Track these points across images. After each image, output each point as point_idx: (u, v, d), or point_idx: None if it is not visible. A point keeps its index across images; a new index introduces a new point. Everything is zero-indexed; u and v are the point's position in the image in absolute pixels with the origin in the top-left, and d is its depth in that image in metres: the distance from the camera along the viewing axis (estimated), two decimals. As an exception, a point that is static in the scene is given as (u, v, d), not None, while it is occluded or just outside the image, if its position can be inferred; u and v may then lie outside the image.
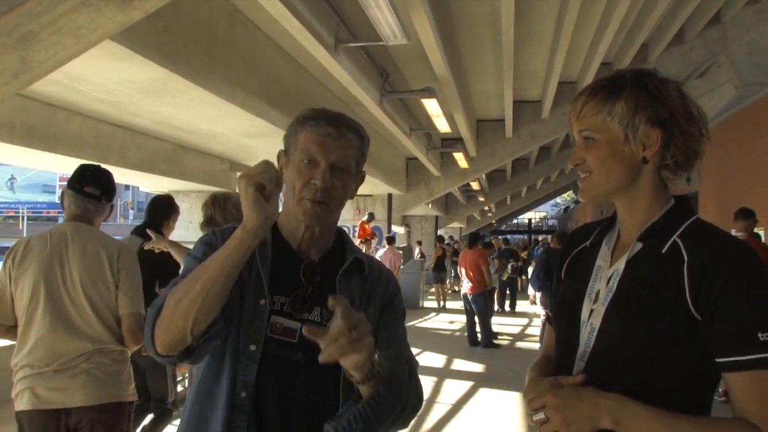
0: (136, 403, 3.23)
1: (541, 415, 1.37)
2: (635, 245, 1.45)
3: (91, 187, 3.14)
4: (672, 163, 1.44)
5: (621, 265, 1.45)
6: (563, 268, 1.64)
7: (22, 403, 2.93)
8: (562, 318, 1.56)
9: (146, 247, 4.11)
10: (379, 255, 14.34)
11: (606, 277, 1.47)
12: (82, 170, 3.21)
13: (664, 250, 1.39)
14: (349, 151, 1.69)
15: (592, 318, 1.44)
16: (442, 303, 18.23)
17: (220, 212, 3.78)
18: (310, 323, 1.62)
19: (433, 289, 19.40)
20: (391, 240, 14.57)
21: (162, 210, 4.83)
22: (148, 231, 4.17)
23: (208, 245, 1.68)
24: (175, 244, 4.09)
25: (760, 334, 1.26)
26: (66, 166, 9.94)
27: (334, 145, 1.65)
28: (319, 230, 1.72)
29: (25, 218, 53.65)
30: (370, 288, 1.77)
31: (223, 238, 1.63)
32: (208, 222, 3.89)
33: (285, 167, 1.70)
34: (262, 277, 1.64)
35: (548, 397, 1.36)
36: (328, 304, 1.40)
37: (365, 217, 17.59)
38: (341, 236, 1.83)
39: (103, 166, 3.31)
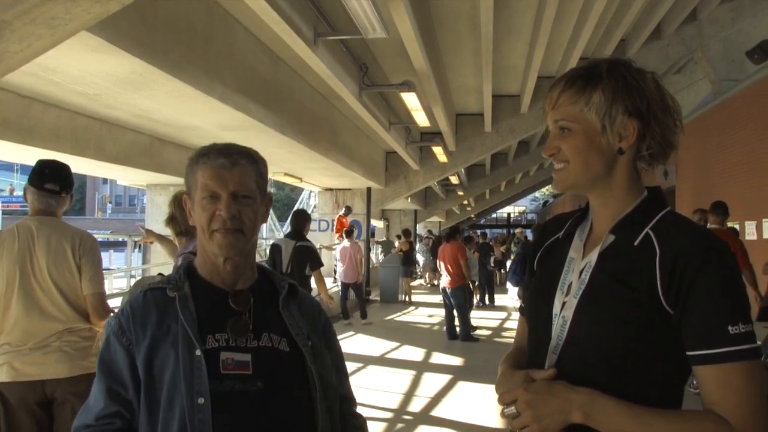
0: None
1: (512, 410, 1.37)
2: (608, 237, 1.44)
3: (51, 184, 3.45)
4: (648, 155, 1.43)
5: (593, 257, 1.44)
6: (536, 259, 1.62)
7: (1, 376, 3.27)
8: (535, 310, 1.54)
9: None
10: (338, 249, 14.31)
11: (578, 269, 1.45)
12: (40, 167, 3.50)
13: (636, 243, 1.38)
14: (246, 177, 1.67)
15: (564, 311, 1.43)
16: (407, 297, 18.18)
17: (179, 210, 3.89)
18: (262, 350, 1.62)
19: (413, 283, 19.39)
20: (349, 233, 14.33)
21: (303, 218, 8.09)
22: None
23: (110, 364, 1.66)
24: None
25: (730, 327, 1.26)
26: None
27: (230, 174, 1.64)
28: (240, 261, 1.70)
29: (0, 212, 53.04)
30: (309, 314, 1.78)
31: (133, 325, 1.63)
32: (170, 220, 4.13)
33: (192, 210, 1.70)
34: (188, 330, 1.59)
35: (519, 392, 1.36)
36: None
37: (342, 211, 17.58)
38: (264, 271, 1.81)
39: (78, 159, 3.54)
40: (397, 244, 20.84)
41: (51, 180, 3.45)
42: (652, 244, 1.36)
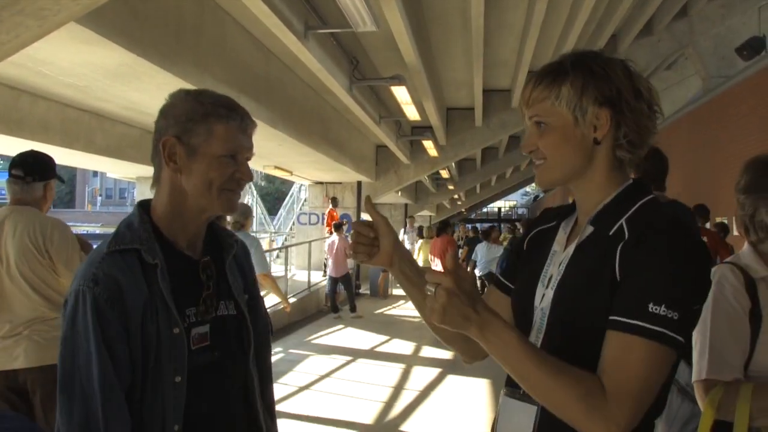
0: None
1: (432, 290, 1.29)
2: (586, 229, 1.44)
3: (15, 169, 3.40)
4: (626, 142, 1.42)
5: (571, 249, 1.45)
6: (524, 241, 1.63)
7: None
8: (518, 303, 1.55)
9: None
10: (327, 243, 14.30)
11: (558, 261, 1.47)
12: (14, 157, 3.47)
13: (611, 233, 1.38)
14: (252, 141, 1.69)
15: (543, 303, 1.44)
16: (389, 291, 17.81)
17: None
18: (217, 320, 1.66)
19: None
20: (338, 227, 14.30)
21: None
22: None
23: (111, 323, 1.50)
24: None
25: (651, 305, 1.25)
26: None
27: (247, 137, 1.66)
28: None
29: (-11, 204, 52.80)
30: (241, 260, 1.82)
31: (121, 293, 1.51)
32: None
33: (186, 157, 1.60)
34: (168, 305, 1.55)
35: (447, 280, 1.27)
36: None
37: (330, 204, 17.58)
38: (209, 225, 1.81)
39: (67, 151, 3.52)
40: None
41: (16, 166, 3.40)
42: (623, 232, 1.36)
